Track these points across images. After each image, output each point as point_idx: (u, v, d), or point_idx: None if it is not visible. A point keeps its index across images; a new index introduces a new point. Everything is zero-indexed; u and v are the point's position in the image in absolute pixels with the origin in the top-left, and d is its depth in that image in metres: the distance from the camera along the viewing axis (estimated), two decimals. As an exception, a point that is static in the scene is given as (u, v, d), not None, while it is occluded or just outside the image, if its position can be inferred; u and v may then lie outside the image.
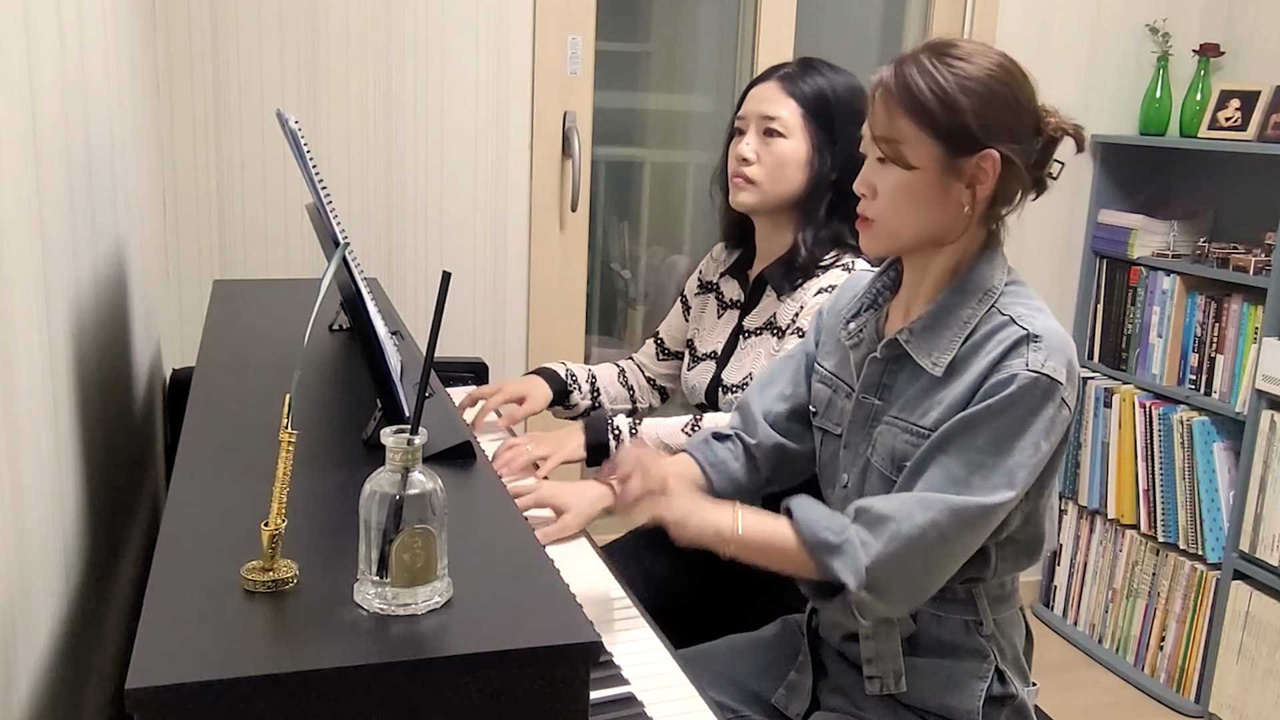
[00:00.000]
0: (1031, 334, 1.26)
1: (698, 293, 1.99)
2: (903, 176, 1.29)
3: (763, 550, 1.30)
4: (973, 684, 1.35)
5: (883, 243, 1.35)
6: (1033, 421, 1.23)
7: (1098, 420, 3.04)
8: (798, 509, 1.30)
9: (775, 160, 1.75)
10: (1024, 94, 1.29)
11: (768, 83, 1.78)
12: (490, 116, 2.58)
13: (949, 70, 1.26)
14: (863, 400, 1.39)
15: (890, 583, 1.25)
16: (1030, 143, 1.30)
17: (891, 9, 3.08)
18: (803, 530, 1.28)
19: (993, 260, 1.33)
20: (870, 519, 1.27)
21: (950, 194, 1.29)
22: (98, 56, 1.52)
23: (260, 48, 2.39)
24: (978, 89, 1.25)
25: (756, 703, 1.48)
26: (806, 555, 1.27)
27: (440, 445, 1.20)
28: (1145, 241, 2.98)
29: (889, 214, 1.31)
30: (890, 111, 1.28)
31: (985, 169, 1.27)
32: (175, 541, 0.96)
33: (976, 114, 1.25)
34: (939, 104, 1.25)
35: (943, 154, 1.27)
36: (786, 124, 1.74)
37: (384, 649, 0.81)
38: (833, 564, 1.25)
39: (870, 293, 1.45)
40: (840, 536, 1.26)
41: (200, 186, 2.41)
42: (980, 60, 1.27)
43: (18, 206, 0.99)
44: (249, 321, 1.82)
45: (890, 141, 1.28)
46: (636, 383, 2.05)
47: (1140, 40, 3.04)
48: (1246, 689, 2.67)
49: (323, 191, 1.27)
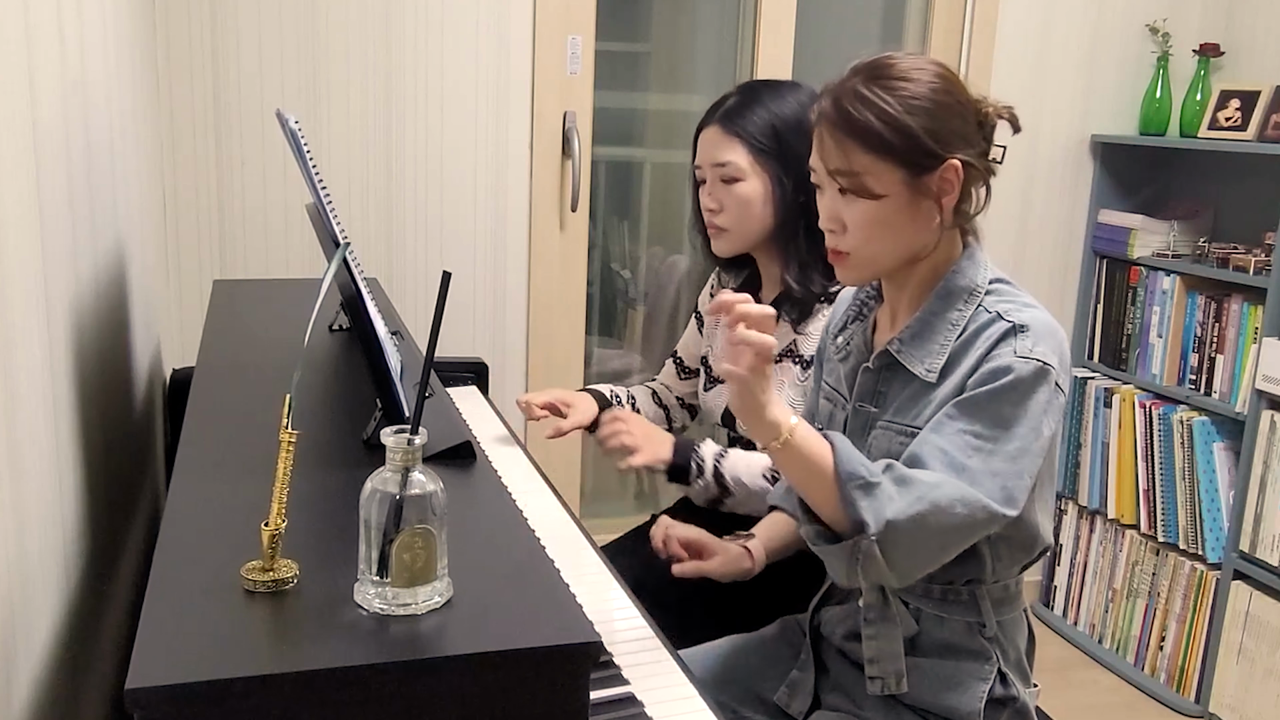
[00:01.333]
0: (1018, 325, 1.26)
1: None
2: (870, 206, 1.28)
3: (802, 463, 1.24)
4: (975, 685, 1.35)
5: (862, 273, 1.35)
6: (1028, 404, 1.23)
7: (1098, 420, 3.04)
8: (839, 441, 1.26)
9: (737, 204, 1.74)
10: (964, 96, 1.30)
11: (711, 126, 1.76)
12: (490, 116, 2.58)
13: (891, 95, 1.25)
14: (859, 409, 1.39)
15: (903, 543, 1.21)
16: (979, 140, 1.31)
17: (891, 9, 3.08)
18: (840, 459, 1.23)
19: (974, 260, 1.34)
20: (899, 476, 1.23)
21: (920, 211, 1.29)
22: (98, 56, 1.52)
23: (260, 48, 2.39)
24: (926, 106, 1.25)
25: (757, 702, 1.48)
26: (836, 485, 1.23)
27: (440, 445, 1.20)
28: (1145, 241, 2.98)
29: (863, 245, 1.31)
30: (842, 146, 1.27)
31: (949, 179, 1.28)
32: (175, 541, 0.96)
33: (930, 131, 1.25)
34: (892, 131, 1.25)
35: (906, 176, 1.27)
36: (739, 168, 1.72)
37: (384, 649, 0.81)
38: (860, 500, 1.21)
39: (855, 304, 1.46)
40: (875, 478, 1.22)
41: (200, 186, 2.41)
42: (919, 75, 1.27)
43: (18, 206, 0.99)
44: (249, 321, 1.82)
45: (850, 174, 1.28)
46: (669, 403, 2.05)
47: (1140, 40, 3.05)
48: (1246, 689, 2.67)
49: (323, 191, 1.27)
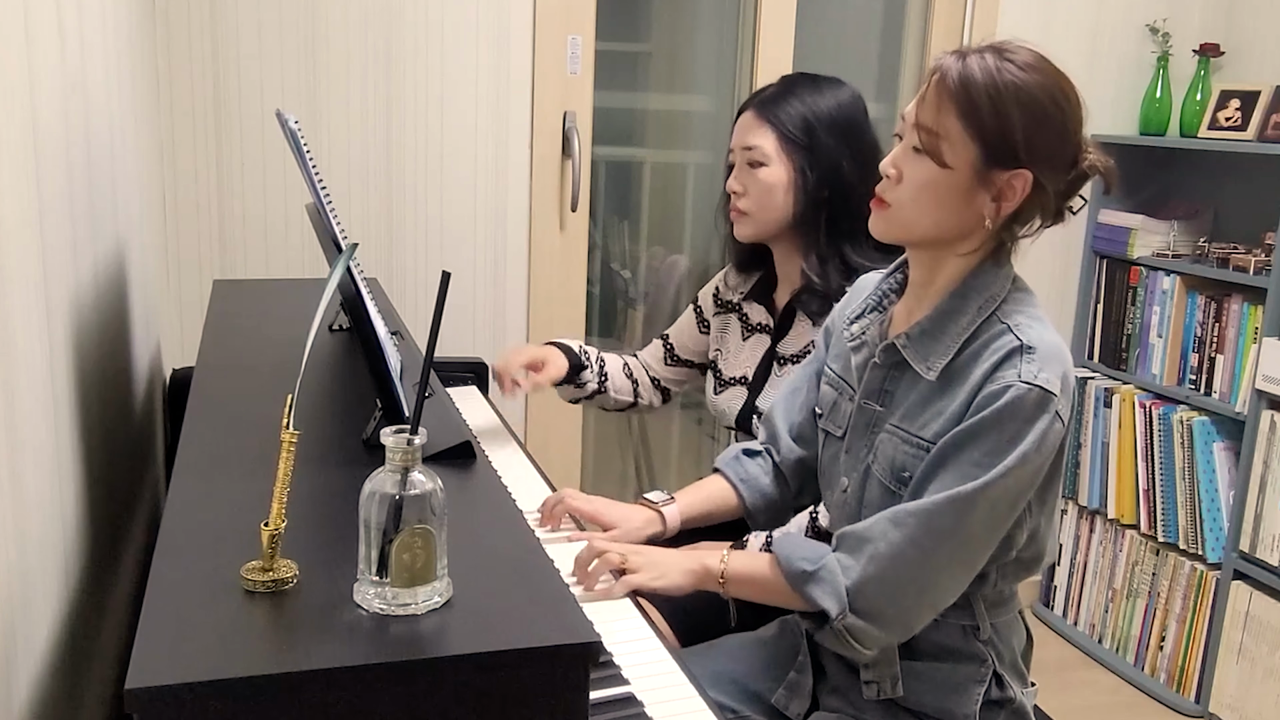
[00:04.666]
0: (1026, 345, 1.24)
1: (717, 311, 1.96)
2: (933, 171, 1.26)
3: (752, 585, 1.35)
4: (970, 688, 1.35)
5: (894, 230, 1.32)
6: (1026, 433, 1.22)
7: (1098, 420, 3.04)
8: (778, 544, 1.33)
9: (760, 189, 1.75)
10: (1074, 122, 1.27)
11: (747, 112, 1.79)
12: (490, 116, 2.58)
13: (1009, 76, 1.23)
14: (864, 406, 1.38)
15: (877, 606, 1.26)
16: (1065, 173, 1.27)
17: (891, 9, 3.08)
18: (781, 563, 1.31)
19: (999, 269, 1.31)
20: (851, 543, 1.28)
21: (974, 202, 1.27)
22: (98, 56, 1.52)
23: (260, 48, 2.39)
24: (1031, 104, 1.23)
25: (756, 703, 1.48)
26: (789, 588, 1.30)
27: (440, 445, 1.20)
28: (1145, 241, 2.98)
29: (908, 204, 1.29)
30: (940, 103, 1.25)
31: (1015, 186, 1.25)
32: (175, 541, 0.96)
33: (1024, 129, 1.23)
34: (990, 108, 1.22)
35: (979, 160, 1.24)
36: (765, 153, 1.74)
37: (384, 649, 0.81)
38: (812, 592, 1.27)
39: (876, 294, 1.44)
40: (816, 564, 1.28)
41: (200, 186, 2.41)
42: (1042, 76, 1.24)
43: (18, 206, 0.99)
44: (249, 321, 1.82)
45: (931, 133, 1.25)
46: (641, 379, 2.04)
47: (1140, 40, 3.05)
48: (1246, 689, 2.67)
49: (323, 191, 1.28)
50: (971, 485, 1.22)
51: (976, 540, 1.26)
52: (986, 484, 1.21)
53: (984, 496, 1.22)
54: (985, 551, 1.28)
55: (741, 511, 1.58)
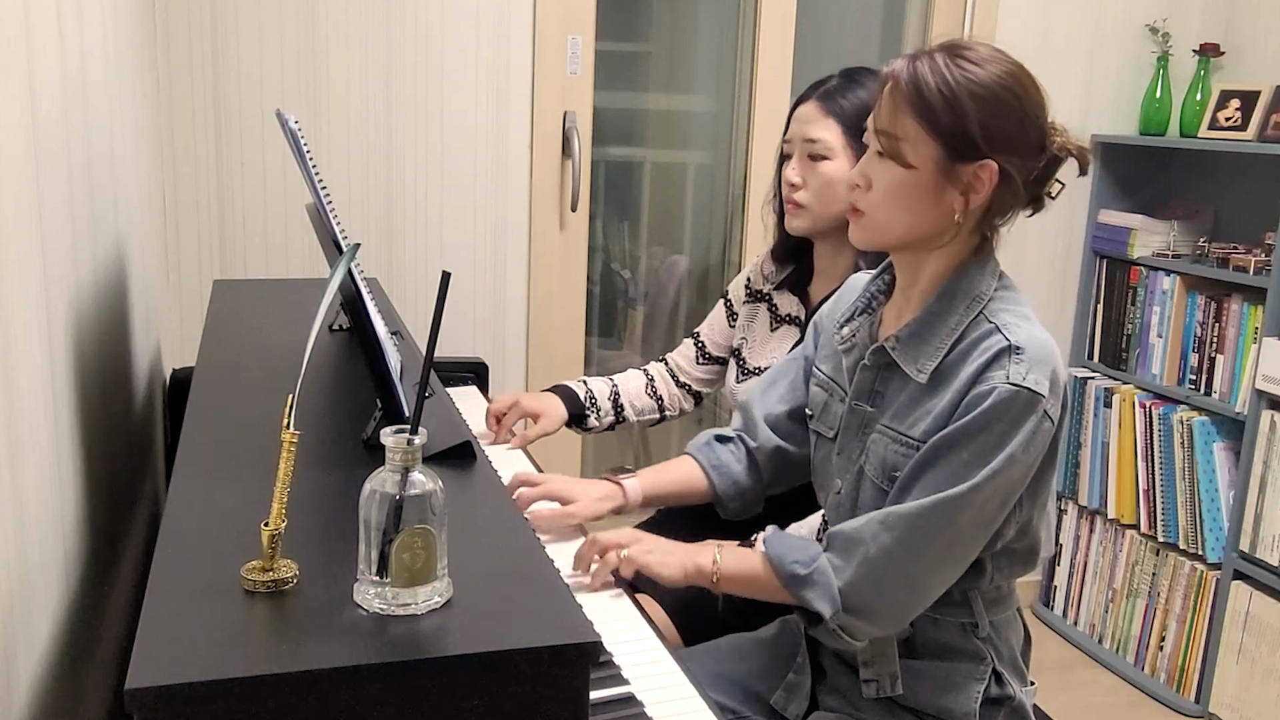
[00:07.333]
0: (1014, 345, 1.24)
1: (746, 300, 1.94)
2: (899, 174, 1.28)
3: (745, 584, 1.37)
4: (969, 686, 1.35)
5: (869, 236, 1.34)
6: (1013, 435, 1.23)
7: (1098, 420, 3.04)
8: (769, 544, 1.35)
9: (821, 183, 1.73)
10: (1032, 108, 1.27)
11: (808, 103, 1.76)
12: (490, 116, 2.58)
13: (960, 72, 1.25)
14: (855, 407, 1.39)
15: (869, 604, 1.28)
16: (1033, 159, 1.28)
17: (891, 9, 3.08)
18: (774, 566, 1.33)
19: (984, 266, 1.32)
20: (841, 544, 1.30)
21: (943, 199, 1.28)
22: (98, 56, 1.52)
23: (260, 48, 2.39)
24: (985, 95, 1.24)
25: (756, 703, 1.48)
26: (782, 588, 1.32)
27: (440, 445, 1.20)
28: (1145, 241, 2.98)
29: (879, 209, 1.31)
30: (896, 107, 1.28)
31: (982, 178, 1.26)
32: (175, 541, 0.96)
33: (980, 121, 1.24)
34: (944, 105, 1.24)
35: (941, 157, 1.26)
36: (829, 146, 1.72)
37: (384, 649, 0.81)
38: (806, 595, 1.30)
39: (864, 296, 1.44)
40: (809, 567, 1.30)
41: (200, 187, 2.41)
42: (992, 67, 1.26)
43: (18, 206, 0.99)
44: (249, 321, 1.82)
45: (891, 137, 1.28)
46: (666, 391, 2.01)
47: (1140, 40, 3.05)
48: (1246, 689, 2.67)
49: (323, 191, 1.28)
50: (960, 488, 1.23)
51: (966, 539, 1.27)
52: (974, 486, 1.23)
53: (972, 498, 1.23)
54: (975, 548, 1.29)
55: (711, 497, 1.59)
